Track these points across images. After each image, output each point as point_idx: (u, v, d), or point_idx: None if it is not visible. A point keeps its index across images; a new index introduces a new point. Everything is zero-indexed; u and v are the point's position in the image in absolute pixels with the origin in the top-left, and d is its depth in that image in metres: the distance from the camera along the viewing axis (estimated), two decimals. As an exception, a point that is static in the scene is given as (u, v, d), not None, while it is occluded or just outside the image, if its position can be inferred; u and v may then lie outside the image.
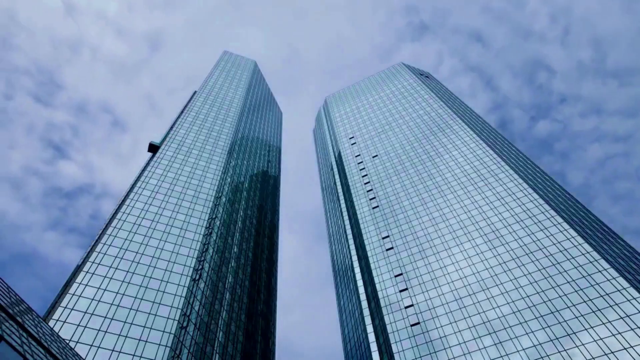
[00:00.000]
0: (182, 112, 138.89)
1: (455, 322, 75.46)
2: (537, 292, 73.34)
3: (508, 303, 74.20)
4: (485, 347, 69.30)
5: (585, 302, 68.25)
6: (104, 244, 73.41)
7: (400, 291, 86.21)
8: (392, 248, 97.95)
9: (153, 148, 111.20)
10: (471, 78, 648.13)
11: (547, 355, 63.77)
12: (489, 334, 71.02)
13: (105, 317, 60.76)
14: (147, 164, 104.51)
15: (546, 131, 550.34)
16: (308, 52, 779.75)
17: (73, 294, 62.25)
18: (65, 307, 59.83)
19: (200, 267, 78.33)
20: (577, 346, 62.74)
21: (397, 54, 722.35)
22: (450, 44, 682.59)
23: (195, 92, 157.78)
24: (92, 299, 62.65)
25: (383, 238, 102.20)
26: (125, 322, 61.42)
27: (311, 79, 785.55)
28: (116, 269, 69.49)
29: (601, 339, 62.53)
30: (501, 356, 66.89)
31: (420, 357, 72.67)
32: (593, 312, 66.39)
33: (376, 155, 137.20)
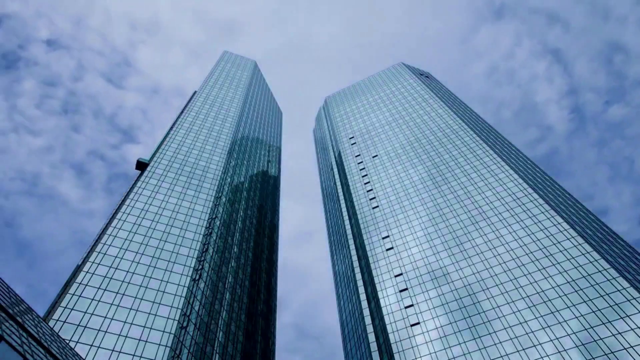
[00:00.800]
0: (182, 112, 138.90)
1: (456, 322, 75.48)
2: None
3: (509, 302, 74.22)
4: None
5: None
6: (104, 244, 73.41)
7: (400, 291, 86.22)
8: (392, 248, 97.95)
9: (141, 166, 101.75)
10: (548, 62, 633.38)
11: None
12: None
13: (105, 317, 60.75)
14: (147, 164, 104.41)
15: (619, 116, 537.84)
16: (387, 44, 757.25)
17: (73, 294, 62.24)
18: (65, 307, 59.82)
19: (200, 267, 78.33)
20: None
21: (475, 35, 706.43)
22: (528, 24, 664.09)
23: (195, 92, 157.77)
24: (92, 299, 62.64)
25: (383, 238, 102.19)
26: (125, 322, 61.41)
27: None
28: (116, 269, 69.48)
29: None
30: None
31: (421, 356, 72.70)
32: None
33: (376, 155, 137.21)
